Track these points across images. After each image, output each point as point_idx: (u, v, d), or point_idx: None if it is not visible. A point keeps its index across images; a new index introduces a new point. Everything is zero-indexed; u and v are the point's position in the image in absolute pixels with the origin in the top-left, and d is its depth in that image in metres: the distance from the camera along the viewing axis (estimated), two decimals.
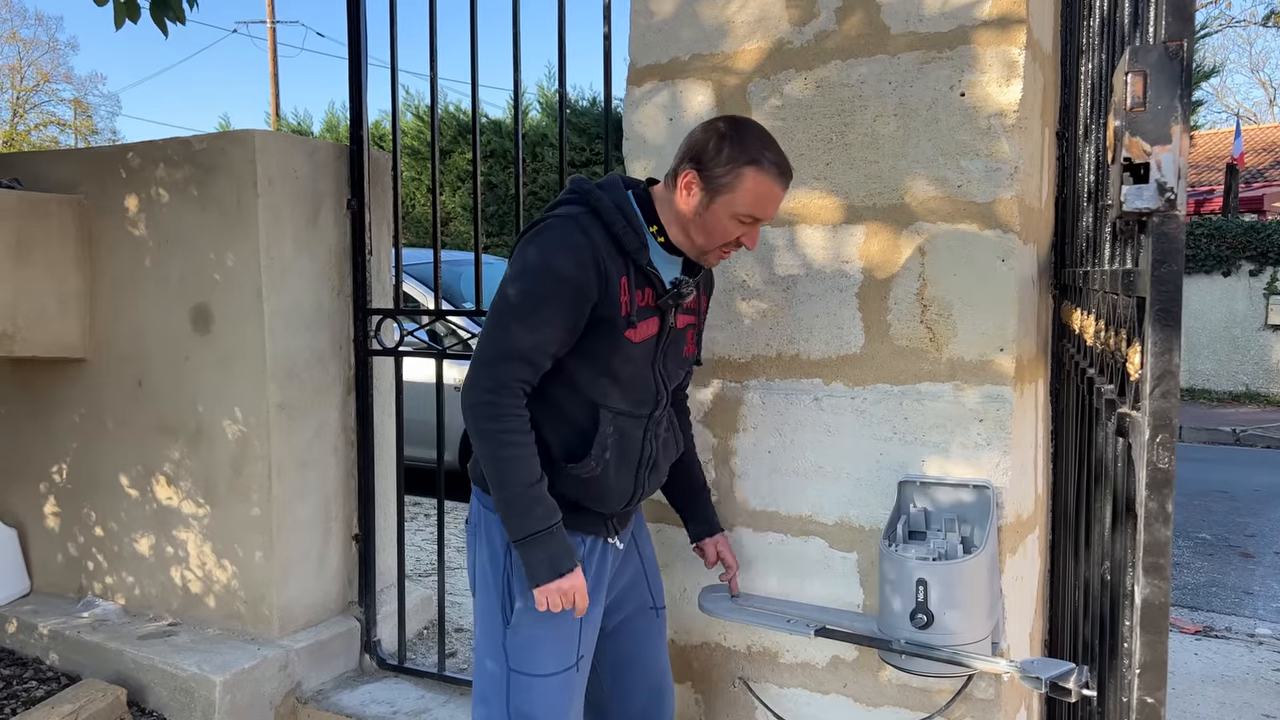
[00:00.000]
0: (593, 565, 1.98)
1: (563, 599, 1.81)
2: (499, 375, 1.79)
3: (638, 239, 1.84)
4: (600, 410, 1.88)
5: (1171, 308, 1.02)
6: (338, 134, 15.78)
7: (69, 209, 3.41)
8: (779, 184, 1.83)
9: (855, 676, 2.17)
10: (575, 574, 1.82)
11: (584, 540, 1.96)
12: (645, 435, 1.96)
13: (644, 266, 1.85)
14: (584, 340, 1.84)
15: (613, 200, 1.86)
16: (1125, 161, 1.04)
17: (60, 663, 3.36)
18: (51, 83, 32.79)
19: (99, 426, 3.49)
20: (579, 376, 1.86)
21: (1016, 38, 1.94)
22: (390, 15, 3.15)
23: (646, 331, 1.89)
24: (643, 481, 1.99)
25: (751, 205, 1.81)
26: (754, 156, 1.79)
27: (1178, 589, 4.78)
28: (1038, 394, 2.27)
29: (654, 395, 1.95)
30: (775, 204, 1.84)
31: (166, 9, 3.50)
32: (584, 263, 1.78)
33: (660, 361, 1.95)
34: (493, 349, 1.80)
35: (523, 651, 1.91)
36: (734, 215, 1.82)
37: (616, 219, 1.83)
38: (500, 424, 1.79)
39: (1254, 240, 11.74)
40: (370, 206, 3.35)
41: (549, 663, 1.92)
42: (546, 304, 1.78)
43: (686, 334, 2.01)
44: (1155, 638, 1.07)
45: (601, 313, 1.82)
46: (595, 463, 1.88)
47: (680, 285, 1.89)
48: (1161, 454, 1.03)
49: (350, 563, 3.49)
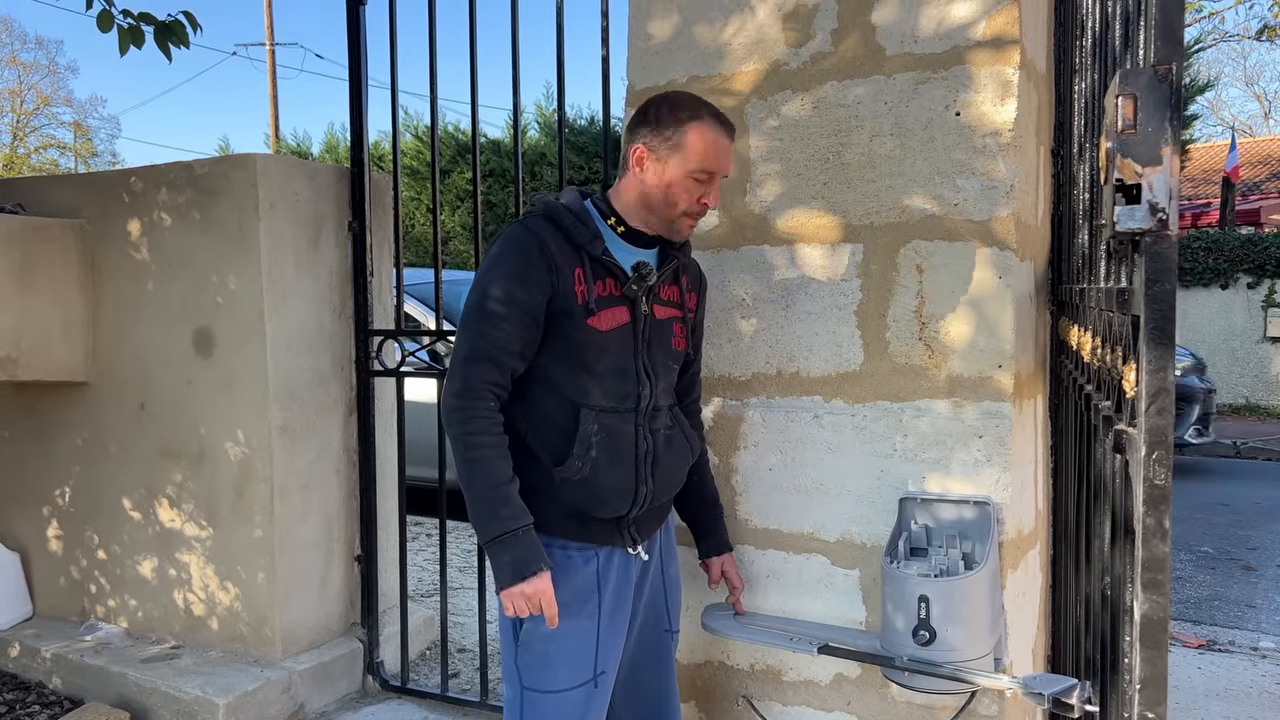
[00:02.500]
0: (610, 578, 1.93)
1: (528, 604, 1.77)
2: (465, 379, 1.81)
3: (588, 231, 1.87)
4: (581, 409, 1.86)
5: (1165, 326, 1.04)
6: (337, 155, 15.83)
7: (72, 233, 3.43)
8: (723, 133, 1.87)
9: (859, 694, 2.17)
10: (541, 578, 1.78)
11: (596, 553, 1.91)
12: (638, 431, 1.91)
13: (598, 256, 1.87)
14: (551, 338, 1.85)
15: (563, 202, 1.91)
16: (1117, 183, 1.06)
17: (63, 686, 3.35)
18: (51, 106, 32.92)
19: (101, 450, 3.50)
20: (555, 376, 1.87)
21: (1011, 58, 1.96)
22: (390, 40, 3.18)
23: (614, 320, 1.88)
24: (644, 479, 1.92)
25: (703, 159, 1.85)
26: (694, 113, 1.85)
27: (1180, 603, 4.77)
28: (1037, 410, 2.28)
29: (637, 388, 1.91)
30: (726, 154, 1.88)
31: (170, 34, 3.53)
32: (531, 258, 1.82)
33: (645, 352, 1.92)
34: (459, 355, 1.84)
35: (534, 669, 1.88)
36: (689, 174, 1.85)
37: (564, 215, 1.88)
38: (466, 426, 1.79)
39: (1251, 253, 11.78)
40: (371, 228, 3.37)
41: (561, 678, 1.87)
42: (500, 302, 1.81)
43: (673, 326, 2.00)
44: (1155, 653, 1.08)
45: (558, 305, 1.83)
46: (580, 462, 1.85)
47: (639, 268, 1.89)
48: (1158, 470, 1.04)
49: (353, 584, 3.49)
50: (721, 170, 1.89)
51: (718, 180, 1.90)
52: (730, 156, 1.91)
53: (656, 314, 1.95)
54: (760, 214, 2.24)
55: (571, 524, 1.89)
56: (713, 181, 1.88)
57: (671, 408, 2.02)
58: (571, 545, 1.90)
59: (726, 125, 1.89)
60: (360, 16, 3.24)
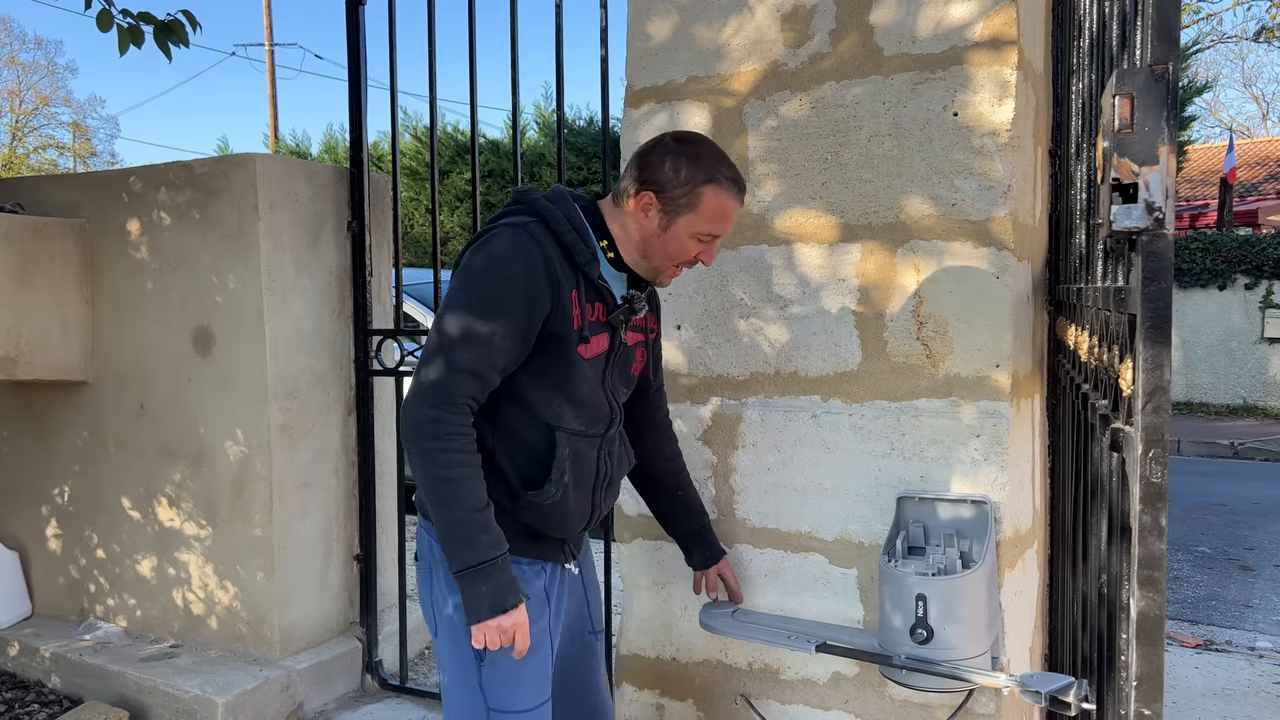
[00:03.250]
0: (554, 593, 1.91)
1: (502, 638, 1.69)
2: (447, 390, 1.67)
3: (588, 251, 1.78)
4: (556, 432, 1.79)
5: (1162, 324, 1.04)
6: (336, 155, 15.83)
7: (71, 233, 3.43)
8: (736, 199, 1.81)
9: (856, 692, 2.17)
10: (519, 611, 1.70)
11: (545, 568, 1.88)
12: (599, 455, 1.88)
13: (595, 280, 1.79)
14: (536, 357, 1.76)
15: (562, 212, 1.80)
16: (1114, 182, 1.06)
17: (62, 685, 3.36)
18: (50, 106, 32.90)
19: (101, 449, 3.50)
20: (532, 397, 1.78)
21: (1008, 58, 1.97)
22: (390, 40, 3.18)
23: (598, 348, 1.82)
24: (599, 501, 1.92)
25: (712, 223, 1.79)
26: (711, 174, 1.77)
27: (1178, 602, 4.78)
28: (1034, 409, 2.29)
29: (608, 414, 1.88)
30: (732, 219, 1.83)
31: (170, 34, 3.54)
32: (536, 270, 1.71)
33: (610, 379, 1.88)
34: (439, 361, 1.69)
35: (503, 689, 1.80)
36: (694, 234, 1.79)
37: (566, 229, 1.77)
38: (447, 443, 1.67)
39: (1249, 254, 11.79)
40: (370, 228, 3.38)
41: (529, 697, 1.82)
42: (498, 312, 1.69)
43: (636, 352, 1.95)
44: (1151, 650, 1.08)
45: (553, 327, 1.74)
46: (555, 488, 1.79)
47: (632, 300, 1.84)
48: (1154, 469, 1.05)
49: (351, 583, 3.49)
50: (725, 234, 1.84)
51: (718, 242, 1.86)
52: (734, 219, 1.86)
53: (627, 340, 1.91)
54: (759, 214, 2.24)
55: (527, 542, 1.83)
56: (714, 242, 1.84)
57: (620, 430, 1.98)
58: (523, 561, 1.84)
59: (741, 189, 1.82)
60: (359, 17, 3.25)
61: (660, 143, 1.82)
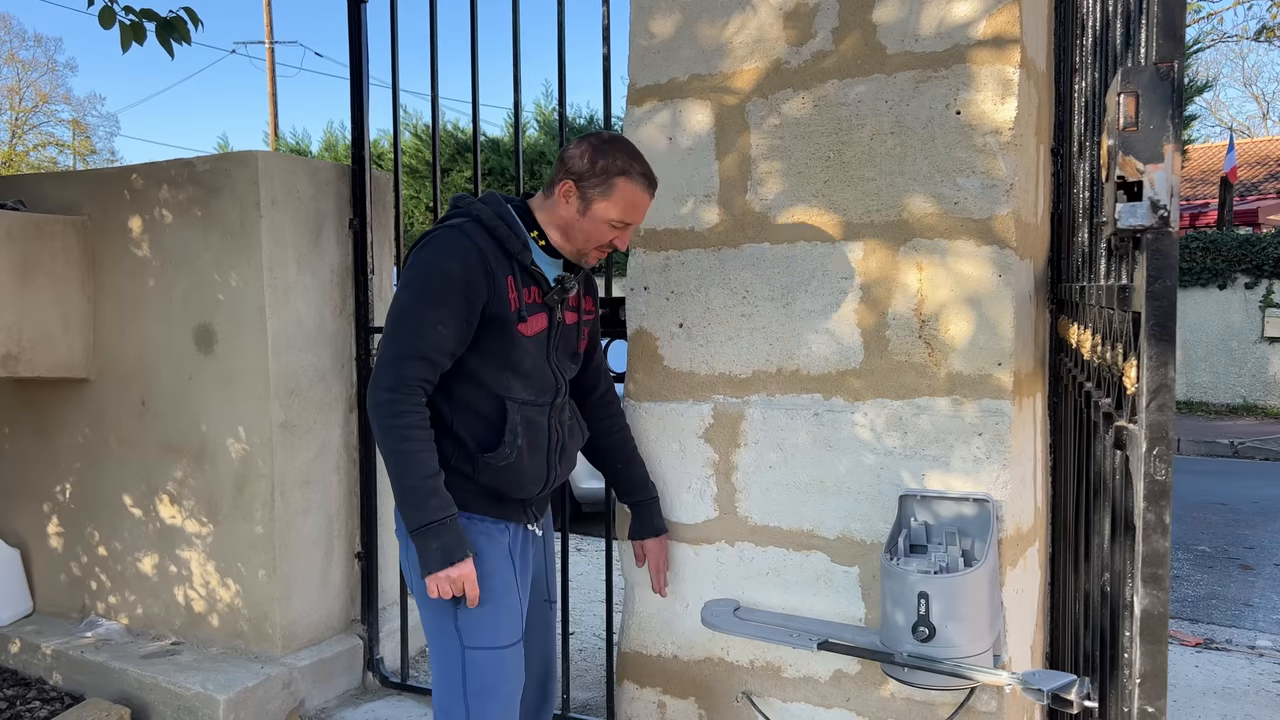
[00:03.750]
0: (517, 550, 2.11)
1: (452, 586, 1.92)
2: (399, 374, 1.92)
3: (519, 240, 2.02)
4: (506, 402, 2.02)
5: (1166, 323, 1.05)
6: (336, 153, 15.82)
7: (73, 230, 3.43)
8: (646, 192, 2.03)
9: (858, 690, 2.18)
10: (465, 564, 1.93)
11: (508, 527, 2.10)
12: (550, 422, 2.11)
13: (528, 266, 2.02)
14: (482, 339, 1.99)
15: (493, 210, 2.03)
16: (1119, 180, 1.07)
17: (64, 683, 3.36)
18: (50, 104, 32.86)
19: (102, 446, 3.50)
20: (483, 374, 2.01)
21: (1011, 57, 1.97)
22: (392, 38, 3.18)
23: (537, 326, 2.05)
24: (554, 465, 2.12)
25: (622, 212, 2.01)
26: (624, 168, 2.00)
27: (1178, 601, 4.79)
28: (1036, 408, 2.29)
29: (553, 385, 2.11)
30: (643, 210, 2.05)
31: (172, 31, 3.53)
32: (470, 264, 1.95)
33: (554, 355, 2.11)
34: (393, 349, 1.93)
35: (477, 629, 2.01)
36: (608, 220, 2.01)
37: (498, 224, 2.01)
38: (400, 420, 1.91)
39: (1249, 253, 11.79)
40: (372, 226, 3.38)
41: (503, 635, 2.04)
42: (440, 304, 1.93)
43: (579, 330, 2.18)
44: (1155, 647, 1.09)
45: (493, 311, 1.98)
46: (509, 449, 2.01)
47: (563, 281, 2.07)
48: (1158, 466, 1.05)
49: (353, 580, 3.49)
50: (637, 222, 2.06)
51: (632, 229, 2.07)
52: (647, 210, 2.07)
53: (566, 320, 2.13)
54: (761, 212, 2.24)
55: (486, 502, 2.05)
56: (627, 230, 2.05)
57: (569, 400, 2.21)
58: (489, 520, 2.06)
59: (652, 183, 2.04)
60: (361, 15, 3.25)
61: (584, 140, 2.04)
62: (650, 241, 2.39)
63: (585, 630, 4.02)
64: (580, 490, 5.90)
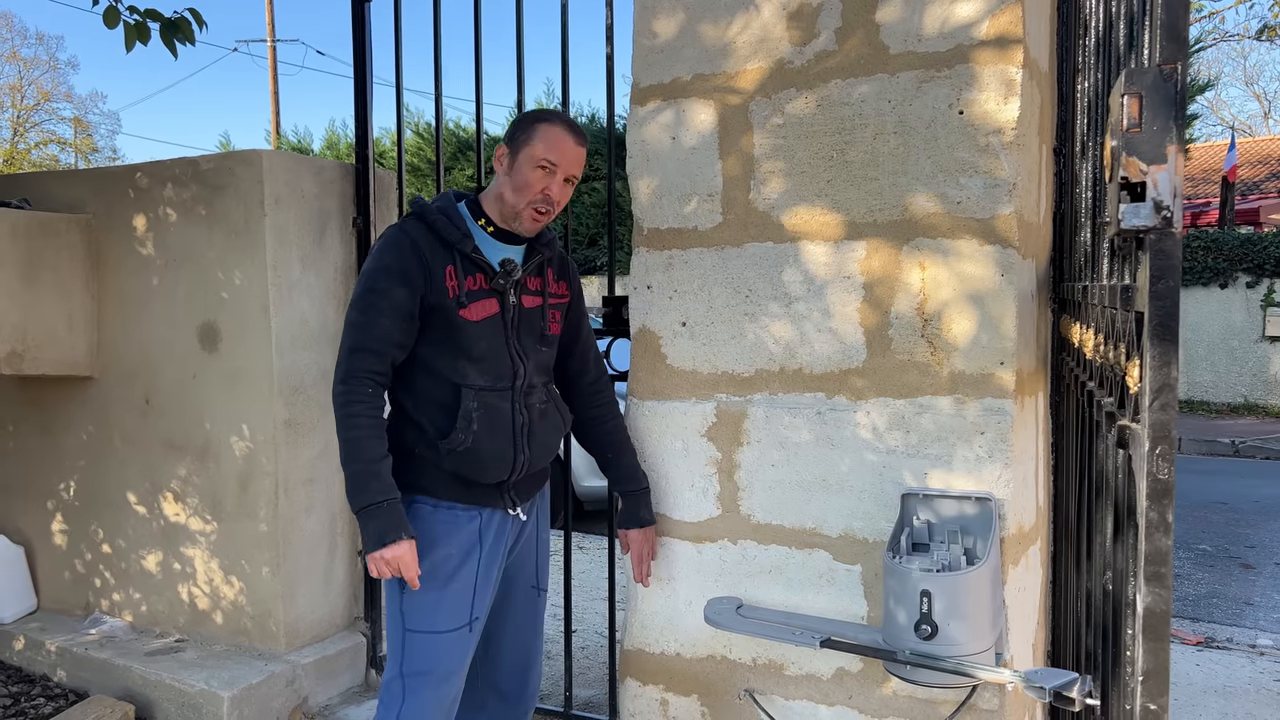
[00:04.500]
0: (490, 535, 2.18)
1: (388, 567, 2.01)
2: (348, 367, 2.03)
3: (458, 231, 2.10)
4: (461, 389, 2.10)
5: (1169, 322, 1.05)
6: (337, 152, 15.84)
7: (77, 228, 3.44)
8: (567, 133, 2.12)
9: (860, 688, 2.18)
10: (399, 545, 2.01)
11: (480, 513, 2.16)
12: (514, 407, 2.16)
13: (469, 254, 2.10)
14: (427, 329, 2.09)
15: (437, 205, 2.13)
16: (1122, 180, 1.07)
17: (68, 679, 3.37)
18: (52, 101, 32.90)
19: (107, 444, 3.51)
20: (437, 364, 2.10)
21: (1014, 57, 1.97)
22: (395, 37, 3.19)
23: (484, 311, 2.11)
24: (521, 449, 2.17)
25: (547, 150, 2.09)
26: (543, 117, 2.13)
27: (1179, 600, 4.79)
28: (1038, 407, 2.30)
29: (511, 369, 2.16)
30: (569, 151, 2.11)
31: (176, 31, 3.54)
32: (403, 255, 2.05)
33: (515, 338, 2.16)
34: (344, 346, 2.06)
35: (418, 613, 2.11)
36: (535, 163, 2.09)
37: (437, 217, 2.10)
38: (348, 409, 2.02)
39: (1250, 252, 11.80)
40: (376, 224, 3.38)
41: (442, 621, 2.12)
42: (379, 296, 2.04)
43: (545, 313, 2.24)
44: (1157, 645, 1.09)
45: (432, 300, 2.06)
46: (463, 434, 2.08)
47: (504, 264, 2.14)
48: (1161, 465, 1.06)
49: (356, 578, 3.51)
50: (565, 166, 2.11)
51: (561, 175, 2.12)
52: (578, 161, 2.14)
53: (525, 304, 2.19)
54: (764, 211, 2.25)
55: (457, 488, 2.13)
56: (555, 174, 2.11)
57: (546, 385, 2.27)
58: (458, 506, 2.14)
59: (572, 127, 2.14)
60: (365, 14, 3.26)
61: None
62: (653, 240, 2.40)
63: (588, 628, 4.04)
64: (582, 488, 5.91)
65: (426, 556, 2.09)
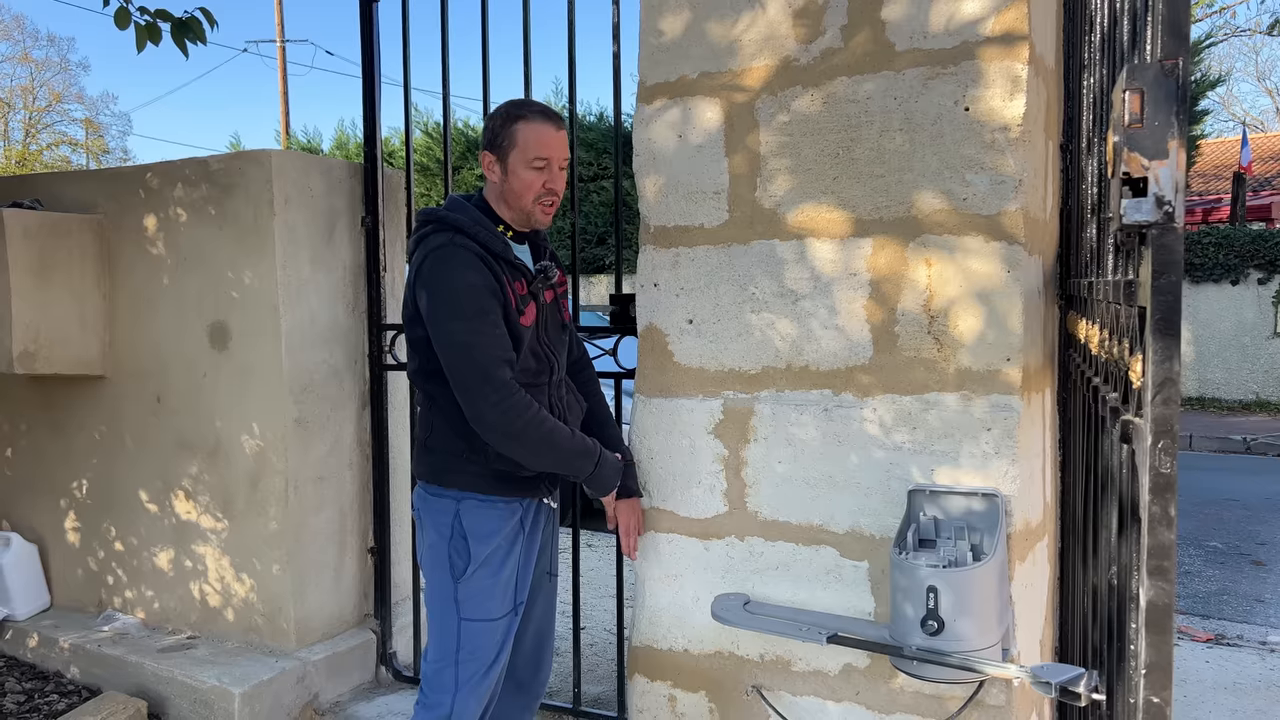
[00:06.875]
0: (529, 523, 2.26)
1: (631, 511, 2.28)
2: (496, 384, 2.03)
3: (500, 241, 2.13)
4: None
5: (1171, 317, 1.06)
6: (347, 151, 15.88)
7: (89, 229, 3.47)
8: (547, 123, 2.14)
9: (867, 684, 2.19)
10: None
11: (523, 503, 2.24)
12: (550, 399, 2.24)
13: (513, 261, 2.15)
14: None
15: (468, 218, 2.13)
16: (1124, 176, 1.08)
17: (81, 676, 3.40)
18: (63, 103, 33.03)
19: (118, 443, 3.54)
20: None
21: (1020, 53, 1.98)
22: (403, 37, 3.21)
23: (532, 316, 2.19)
24: None
25: (536, 148, 2.12)
26: (517, 113, 2.14)
27: (1189, 597, 4.78)
28: (1045, 403, 2.30)
29: (549, 364, 2.24)
30: (555, 142, 2.14)
31: (187, 31, 3.56)
32: (482, 270, 2.07)
33: (544, 336, 2.24)
34: (474, 371, 2.03)
35: (473, 602, 2.18)
36: (528, 165, 2.12)
37: (480, 231, 2.11)
38: (526, 415, 2.05)
39: (1262, 248, 11.74)
40: (384, 223, 3.40)
41: (495, 608, 2.20)
42: (484, 312, 2.05)
43: (558, 305, 2.32)
44: (1160, 638, 1.10)
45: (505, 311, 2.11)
46: None
47: (545, 270, 2.22)
48: (1163, 459, 1.06)
49: (366, 575, 3.52)
50: (554, 156, 2.14)
51: (555, 165, 2.15)
52: (562, 144, 2.16)
53: (545, 299, 2.26)
54: (770, 209, 2.26)
55: (503, 485, 2.19)
56: (551, 167, 2.14)
57: (564, 377, 2.35)
58: (500, 501, 2.20)
59: (552, 117, 2.15)
60: (373, 14, 3.27)
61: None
62: (660, 238, 2.41)
63: (596, 625, 4.05)
64: None
65: (481, 547, 2.16)
